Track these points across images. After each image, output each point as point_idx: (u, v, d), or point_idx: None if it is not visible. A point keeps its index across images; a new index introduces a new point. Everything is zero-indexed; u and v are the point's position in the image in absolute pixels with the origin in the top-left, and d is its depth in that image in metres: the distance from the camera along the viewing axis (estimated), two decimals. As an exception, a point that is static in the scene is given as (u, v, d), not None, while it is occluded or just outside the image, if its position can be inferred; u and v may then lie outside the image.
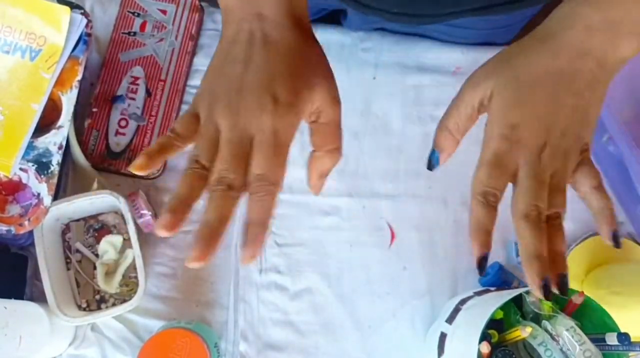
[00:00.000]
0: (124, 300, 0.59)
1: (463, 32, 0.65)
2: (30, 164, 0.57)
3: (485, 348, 0.46)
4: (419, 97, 0.68)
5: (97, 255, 0.61)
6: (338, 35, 0.68)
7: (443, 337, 0.54)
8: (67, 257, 0.61)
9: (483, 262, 0.38)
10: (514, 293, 0.48)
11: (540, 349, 0.47)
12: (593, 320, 0.49)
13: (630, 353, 0.46)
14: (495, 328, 0.50)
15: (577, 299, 0.48)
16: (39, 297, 0.59)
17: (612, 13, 0.38)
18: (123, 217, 0.60)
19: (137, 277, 0.58)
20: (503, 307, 0.49)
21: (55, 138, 0.57)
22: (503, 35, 0.67)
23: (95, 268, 0.60)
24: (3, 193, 0.58)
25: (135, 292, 0.57)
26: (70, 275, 0.61)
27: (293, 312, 0.63)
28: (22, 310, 0.54)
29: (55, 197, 0.57)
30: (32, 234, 0.58)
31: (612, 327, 0.48)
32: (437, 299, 0.63)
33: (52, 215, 0.57)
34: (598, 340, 0.47)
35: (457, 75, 0.68)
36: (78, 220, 0.62)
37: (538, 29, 0.40)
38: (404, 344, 0.62)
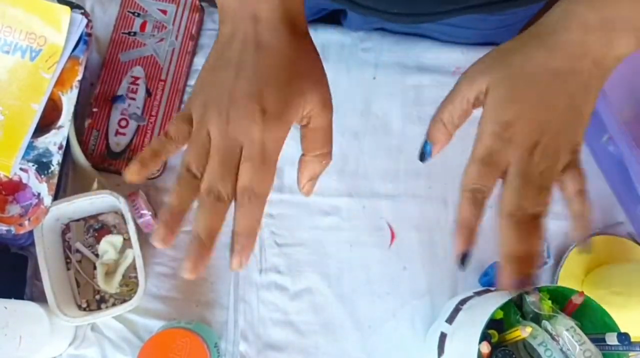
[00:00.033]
0: (124, 300, 0.59)
1: (463, 32, 0.65)
2: (31, 164, 0.57)
3: (485, 348, 0.46)
4: (419, 97, 0.68)
5: (97, 255, 0.61)
6: (338, 35, 0.68)
7: (443, 337, 0.54)
8: (67, 257, 0.61)
9: (465, 258, 0.39)
10: (514, 293, 0.48)
11: (540, 349, 0.47)
12: (593, 320, 0.49)
13: (630, 353, 0.46)
14: (495, 328, 0.50)
15: (577, 299, 0.48)
16: (39, 297, 0.59)
17: (606, 11, 0.38)
18: (123, 217, 0.60)
19: (137, 277, 0.58)
20: (503, 307, 0.48)
21: (56, 138, 0.57)
22: (503, 35, 0.66)
23: (95, 268, 0.60)
24: (3, 193, 0.58)
25: (135, 292, 0.57)
26: (70, 275, 0.61)
27: (293, 312, 0.63)
28: (22, 310, 0.54)
29: (55, 197, 0.57)
30: (32, 234, 0.58)
31: (612, 327, 0.48)
32: (437, 299, 0.63)
33: (52, 215, 0.57)
34: (598, 340, 0.47)
35: (457, 75, 0.67)
36: (78, 220, 0.62)
37: (535, 26, 0.41)
38: (404, 344, 0.62)
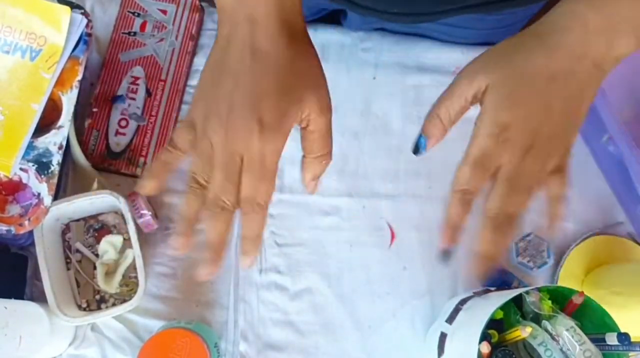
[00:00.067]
0: (124, 300, 0.59)
1: (463, 32, 0.65)
2: (31, 164, 0.57)
3: (485, 348, 0.46)
4: (419, 97, 0.68)
5: (97, 255, 0.61)
6: (338, 35, 0.68)
7: (443, 337, 0.54)
8: (67, 257, 0.61)
9: (447, 254, 0.42)
10: (514, 293, 0.48)
11: (540, 349, 0.47)
12: (593, 320, 0.49)
13: (630, 353, 0.46)
14: (495, 328, 0.50)
15: (577, 299, 0.48)
16: (39, 297, 0.59)
17: (607, 11, 0.38)
18: (123, 217, 0.60)
19: (137, 277, 0.58)
20: (503, 307, 0.49)
21: (56, 138, 0.57)
22: (502, 35, 0.66)
23: (95, 268, 0.60)
24: (3, 193, 0.58)
25: (135, 292, 0.57)
26: (70, 275, 0.61)
27: (293, 312, 0.63)
28: (22, 310, 0.54)
29: (56, 197, 0.57)
30: (32, 234, 0.58)
31: (612, 327, 0.48)
32: (437, 299, 0.63)
33: (52, 215, 0.57)
34: (598, 340, 0.47)
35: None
36: (78, 220, 0.62)
37: (536, 26, 0.41)
38: (404, 344, 0.62)
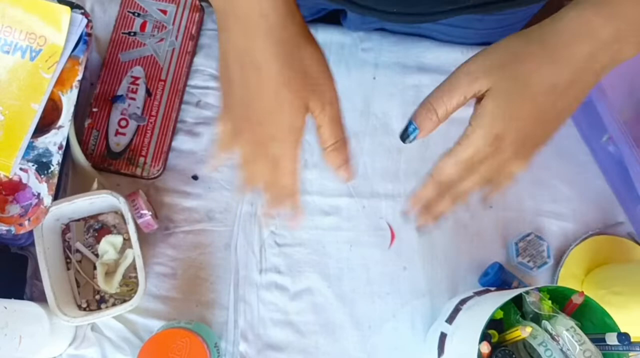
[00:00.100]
0: (124, 300, 0.59)
1: (463, 32, 0.65)
2: (30, 164, 0.57)
3: (485, 348, 0.46)
4: (419, 97, 0.66)
5: (97, 255, 0.61)
6: (338, 35, 0.68)
7: (443, 337, 0.54)
8: (67, 257, 0.61)
9: (405, 216, 0.46)
10: (514, 293, 0.48)
11: (540, 349, 0.47)
12: (593, 320, 0.49)
13: (630, 353, 0.46)
14: (495, 328, 0.50)
15: (577, 299, 0.48)
16: (39, 297, 0.59)
17: (616, 19, 0.37)
18: (123, 217, 0.60)
19: (137, 277, 0.58)
20: (503, 307, 0.48)
21: (56, 138, 0.57)
22: (503, 35, 0.66)
23: (95, 268, 0.60)
24: (3, 193, 0.58)
25: (135, 292, 0.57)
26: (70, 275, 0.61)
27: (293, 312, 0.63)
28: (22, 310, 0.54)
29: (56, 197, 0.57)
30: (32, 234, 0.58)
31: (612, 327, 0.48)
32: (437, 299, 0.63)
33: (52, 215, 0.57)
34: (598, 340, 0.47)
35: (457, 76, 0.68)
36: (78, 220, 0.62)
37: (544, 31, 0.40)
38: (404, 344, 0.62)
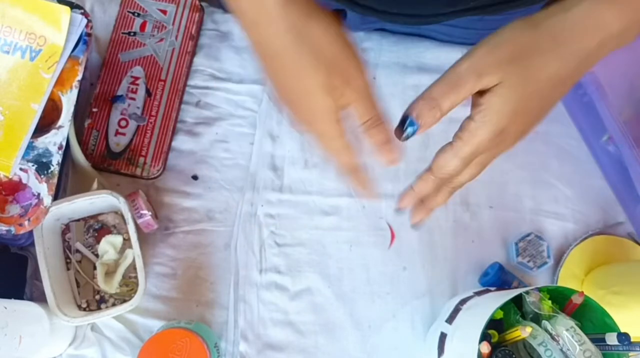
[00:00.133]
0: (124, 300, 0.59)
1: (463, 32, 0.65)
2: (30, 164, 0.57)
3: (485, 348, 0.46)
4: (419, 97, 0.67)
5: (97, 255, 0.61)
6: (338, 35, 0.68)
7: (443, 337, 0.54)
8: (67, 257, 0.61)
9: (398, 211, 0.47)
10: (514, 293, 0.48)
11: (540, 349, 0.47)
12: (593, 320, 0.49)
13: (630, 353, 0.46)
14: (495, 328, 0.50)
15: (577, 299, 0.48)
16: (39, 297, 0.59)
17: (630, 13, 0.37)
18: (123, 217, 0.60)
19: (137, 277, 0.58)
20: (503, 307, 0.48)
21: (55, 138, 0.57)
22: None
23: (95, 268, 0.60)
24: (3, 193, 0.58)
25: (135, 292, 0.57)
26: (70, 275, 0.61)
27: (293, 312, 0.63)
28: (22, 310, 0.54)
29: (56, 197, 0.57)
30: (32, 234, 0.58)
31: (612, 327, 0.48)
32: (437, 299, 0.63)
33: (52, 215, 0.57)
34: (598, 340, 0.47)
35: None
36: (78, 220, 0.62)
37: (555, 23, 0.39)
38: (404, 344, 0.62)
